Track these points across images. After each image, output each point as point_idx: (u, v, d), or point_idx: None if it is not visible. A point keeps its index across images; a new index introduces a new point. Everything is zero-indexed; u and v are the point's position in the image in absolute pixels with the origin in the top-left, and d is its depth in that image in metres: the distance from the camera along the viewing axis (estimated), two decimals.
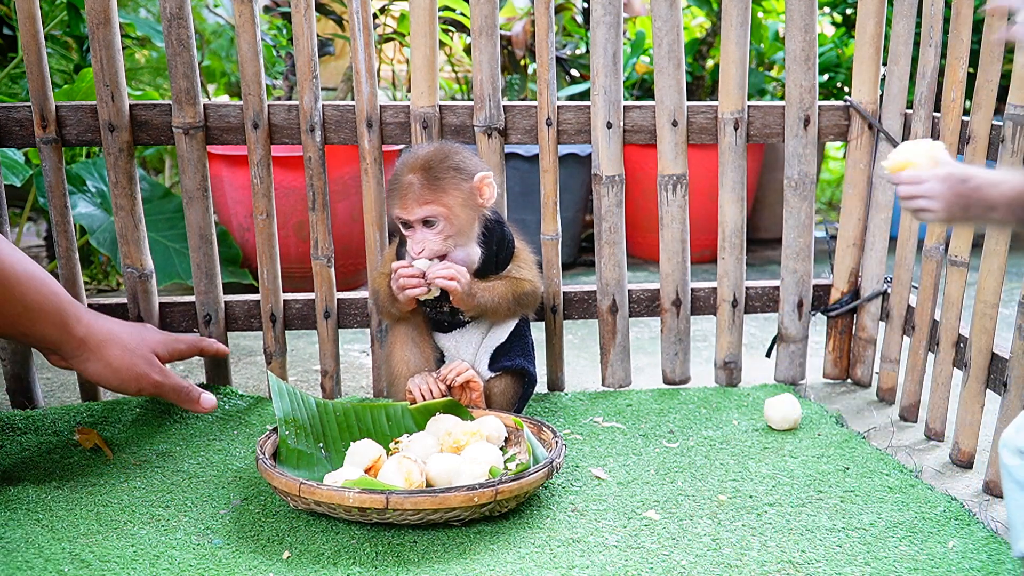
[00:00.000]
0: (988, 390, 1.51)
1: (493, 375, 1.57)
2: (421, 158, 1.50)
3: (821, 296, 1.90)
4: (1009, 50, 1.46)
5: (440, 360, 1.59)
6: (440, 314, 1.57)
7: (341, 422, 1.45)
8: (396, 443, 1.41)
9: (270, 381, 1.44)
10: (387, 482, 1.25)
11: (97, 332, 1.45)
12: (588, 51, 3.02)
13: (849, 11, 3.37)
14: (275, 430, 1.40)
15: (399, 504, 1.19)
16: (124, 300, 1.74)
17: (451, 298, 1.50)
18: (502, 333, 1.59)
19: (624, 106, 1.75)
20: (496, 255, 1.56)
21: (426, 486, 1.29)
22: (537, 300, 1.61)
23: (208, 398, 1.54)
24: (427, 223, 1.49)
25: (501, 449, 1.42)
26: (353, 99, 1.76)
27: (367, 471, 1.31)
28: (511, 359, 1.58)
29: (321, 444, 1.42)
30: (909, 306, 1.75)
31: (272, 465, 1.28)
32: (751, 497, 1.36)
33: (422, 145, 1.62)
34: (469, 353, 1.58)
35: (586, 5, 3.32)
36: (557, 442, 1.38)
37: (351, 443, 1.37)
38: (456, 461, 1.31)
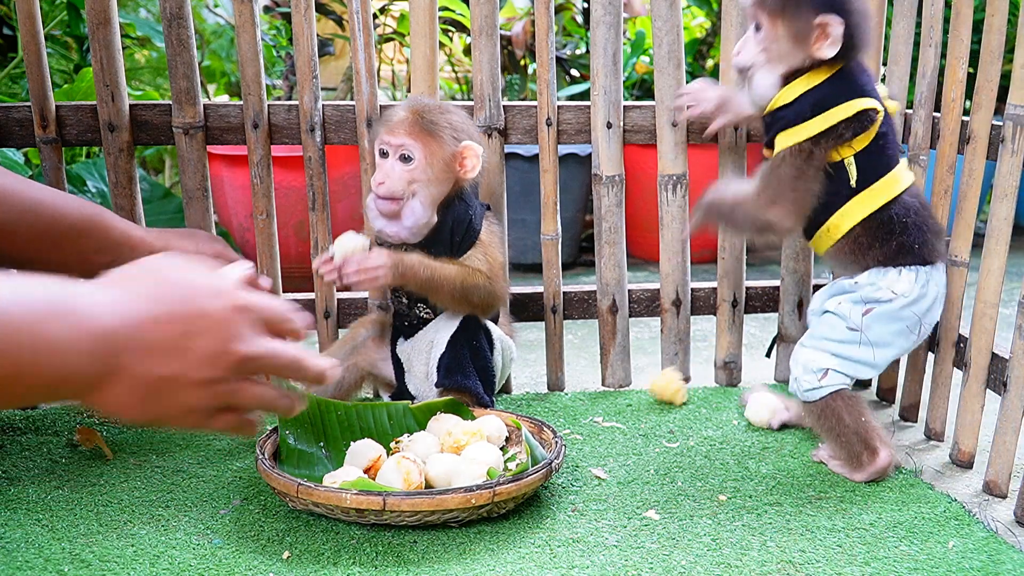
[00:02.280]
0: (988, 390, 1.51)
1: (438, 391, 1.53)
2: (422, 102, 1.52)
3: None
4: (1009, 50, 1.46)
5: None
6: (400, 305, 1.55)
7: (342, 421, 1.45)
8: (397, 442, 1.40)
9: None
10: (386, 483, 1.25)
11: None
12: (588, 51, 3.02)
13: None
14: (275, 429, 1.40)
15: (396, 505, 1.19)
16: None
17: (386, 277, 1.44)
18: (443, 342, 1.53)
19: (624, 106, 1.75)
20: (451, 236, 1.51)
21: (426, 486, 1.29)
22: (490, 299, 1.52)
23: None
24: (404, 158, 1.47)
25: (502, 449, 1.42)
26: (353, 99, 1.76)
27: (367, 471, 1.31)
28: (450, 376, 1.51)
29: (322, 443, 1.42)
30: None
31: (271, 465, 1.28)
32: (751, 497, 1.36)
33: None
34: (421, 364, 1.55)
35: (586, 5, 3.32)
36: (557, 442, 1.37)
37: (352, 442, 1.37)
38: (455, 461, 1.31)
